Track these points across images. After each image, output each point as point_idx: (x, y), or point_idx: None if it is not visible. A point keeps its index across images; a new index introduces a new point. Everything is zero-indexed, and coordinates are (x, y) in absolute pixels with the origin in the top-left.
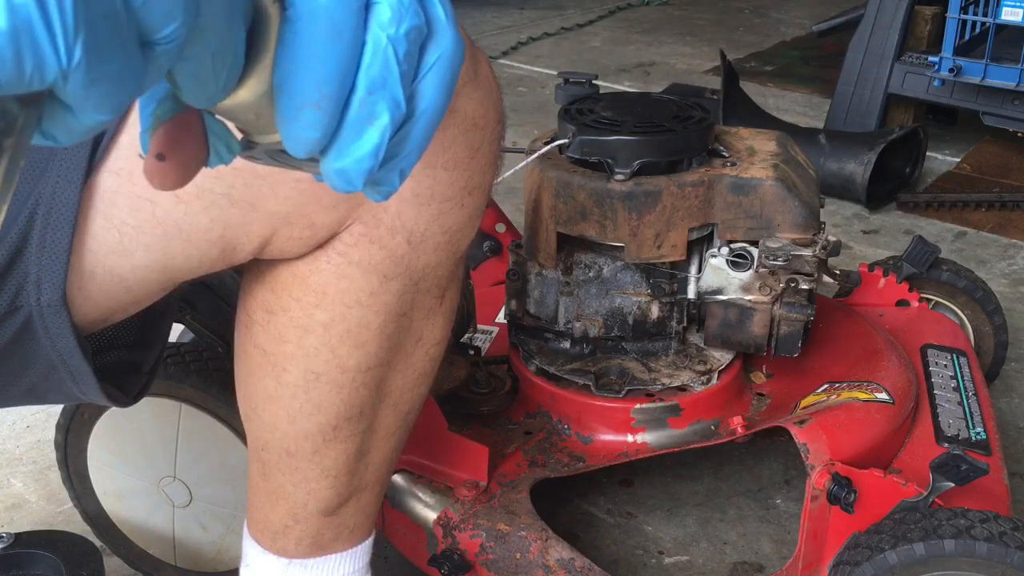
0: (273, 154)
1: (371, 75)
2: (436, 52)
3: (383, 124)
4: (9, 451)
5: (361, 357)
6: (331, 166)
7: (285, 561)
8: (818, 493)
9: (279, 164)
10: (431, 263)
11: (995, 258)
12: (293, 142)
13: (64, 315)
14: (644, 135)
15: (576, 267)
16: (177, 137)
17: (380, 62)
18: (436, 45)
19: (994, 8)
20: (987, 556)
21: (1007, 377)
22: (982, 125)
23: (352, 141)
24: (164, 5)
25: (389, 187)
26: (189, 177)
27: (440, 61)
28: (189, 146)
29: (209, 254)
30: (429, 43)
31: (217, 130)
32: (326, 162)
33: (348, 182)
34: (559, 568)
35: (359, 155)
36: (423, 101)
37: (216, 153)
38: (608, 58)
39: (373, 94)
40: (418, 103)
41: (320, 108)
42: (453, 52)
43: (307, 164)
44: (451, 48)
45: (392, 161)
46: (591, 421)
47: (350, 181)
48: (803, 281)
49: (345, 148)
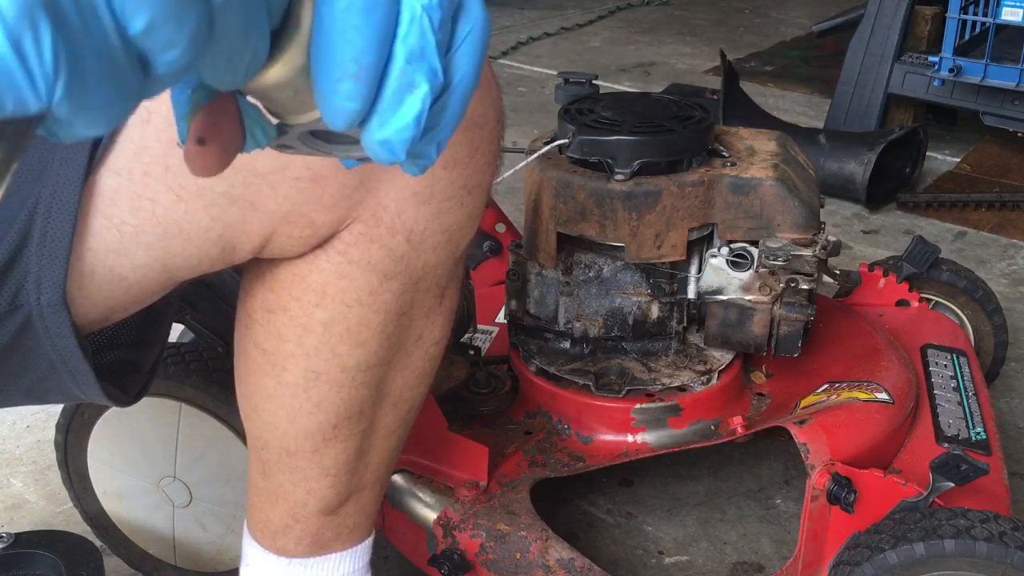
0: (306, 138)
1: (408, 44)
2: (468, 25)
3: (423, 92)
4: (9, 451)
5: (361, 356)
6: (373, 137)
7: (285, 560)
8: (818, 493)
9: (312, 149)
10: (431, 262)
11: (995, 258)
12: (333, 115)
13: (64, 314)
14: (644, 135)
15: (576, 267)
16: (216, 121)
17: (417, 31)
18: (467, 18)
19: (994, 8)
20: (987, 556)
21: (1007, 377)
22: (982, 125)
23: (393, 111)
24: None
25: (426, 160)
26: (228, 161)
27: (472, 33)
28: (228, 129)
29: (209, 253)
30: (460, 16)
31: (252, 114)
32: (367, 134)
33: (392, 152)
34: (559, 568)
35: (401, 124)
36: (458, 72)
37: (252, 137)
38: (608, 58)
39: (412, 63)
40: (453, 74)
41: (359, 79)
42: (484, 25)
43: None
44: (482, 20)
45: (430, 133)
46: (591, 421)
47: (393, 151)
48: (803, 281)
49: (387, 118)
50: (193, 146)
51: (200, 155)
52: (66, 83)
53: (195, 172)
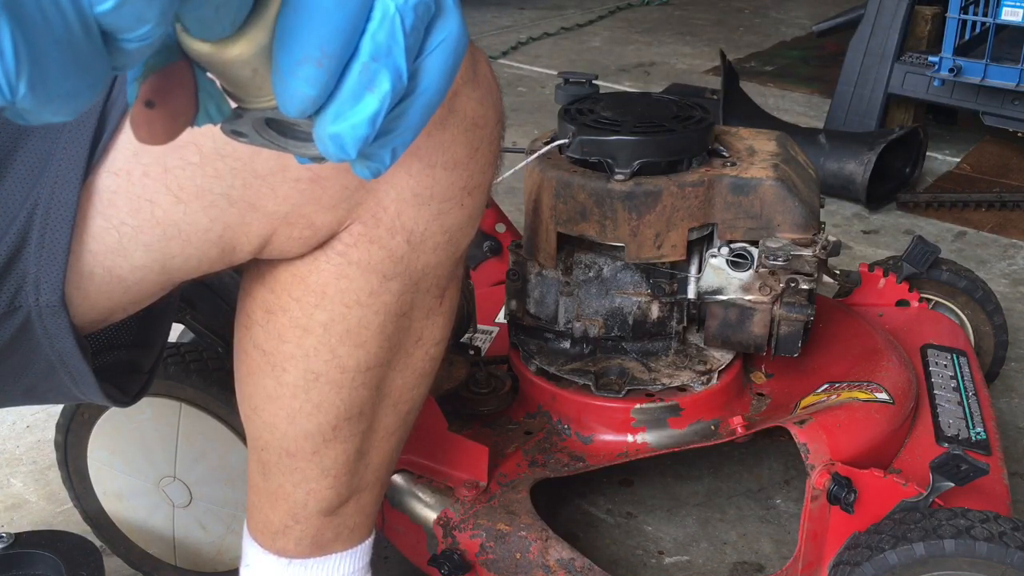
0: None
1: (376, 41)
2: (442, 34)
3: (383, 92)
4: (9, 451)
5: (361, 357)
6: (326, 129)
7: (285, 561)
8: (818, 493)
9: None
10: (431, 263)
11: (995, 258)
12: (288, 98)
13: (63, 315)
14: (644, 135)
15: (576, 267)
16: (168, 87)
17: (387, 29)
18: (442, 27)
19: (994, 8)
20: (987, 556)
21: (1007, 377)
22: (982, 125)
23: (350, 105)
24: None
25: (379, 164)
26: (177, 131)
27: (445, 43)
28: (179, 98)
29: (208, 254)
30: (435, 24)
31: (210, 89)
32: (320, 125)
33: (341, 148)
34: (559, 568)
35: (356, 121)
36: (424, 80)
37: (205, 112)
38: (608, 58)
39: (377, 60)
40: (419, 81)
41: (320, 65)
42: (458, 37)
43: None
44: (456, 32)
45: (386, 137)
46: (591, 421)
47: (343, 147)
48: (803, 281)
49: (342, 112)
50: (141, 108)
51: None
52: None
53: (139, 137)
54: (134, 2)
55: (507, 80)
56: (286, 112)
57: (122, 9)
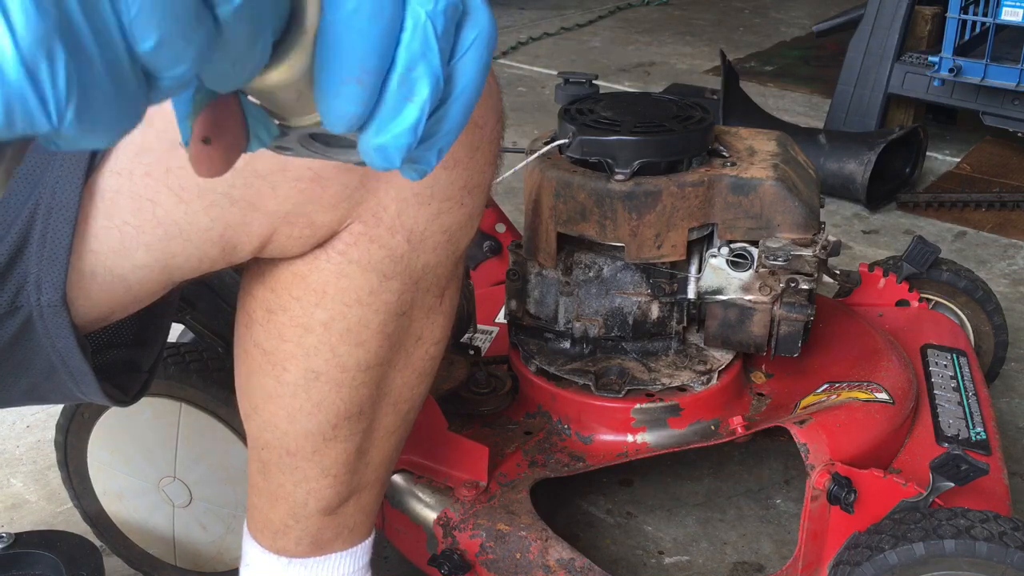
0: (306, 141)
1: (411, 51)
2: (473, 32)
3: (422, 100)
4: (9, 451)
5: (361, 356)
6: (370, 143)
7: (285, 560)
8: (818, 493)
9: (311, 152)
10: (431, 262)
11: (995, 258)
12: (334, 118)
13: (64, 315)
14: (644, 135)
15: (576, 267)
16: (219, 121)
17: (420, 38)
18: (472, 25)
19: (994, 8)
20: (987, 556)
21: (1007, 377)
22: (982, 125)
23: (392, 117)
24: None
25: (426, 166)
26: (232, 161)
27: (477, 40)
28: (232, 129)
29: (209, 253)
30: (465, 23)
31: (255, 113)
32: (365, 139)
33: (387, 159)
34: (559, 568)
35: (398, 131)
36: (461, 80)
37: (256, 137)
38: (608, 58)
39: (413, 70)
40: (456, 82)
41: (362, 83)
42: (489, 32)
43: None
44: (487, 28)
45: (430, 140)
46: (591, 421)
47: (389, 158)
48: (803, 281)
49: (384, 124)
50: (198, 146)
51: (206, 156)
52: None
53: (200, 173)
54: (172, 44)
55: (507, 80)
56: (334, 131)
57: (161, 50)
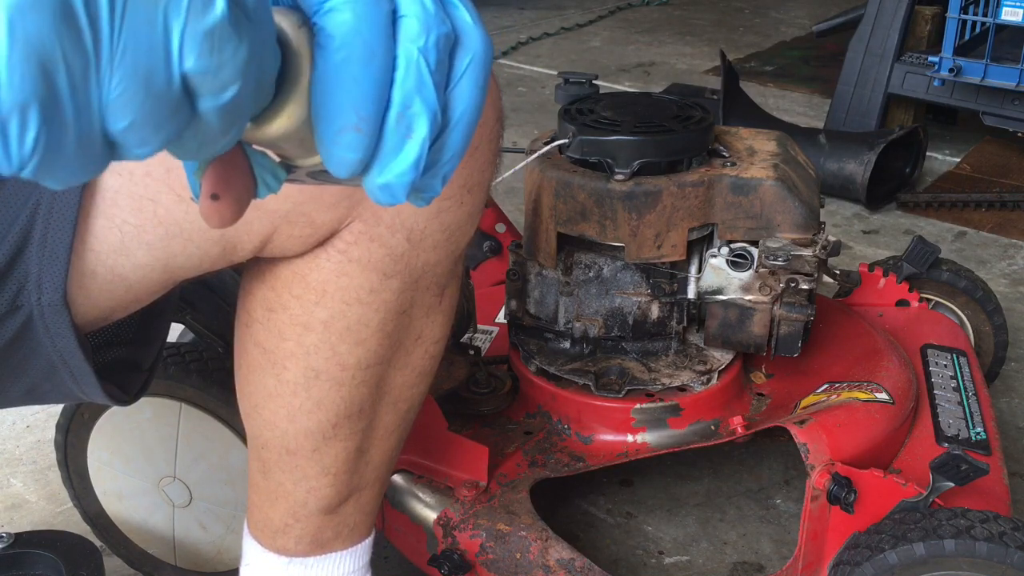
0: (315, 174)
1: (406, 89)
2: (467, 56)
3: (422, 137)
4: (9, 451)
5: (361, 355)
6: (374, 183)
7: (285, 560)
8: (818, 493)
9: (321, 182)
10: (431, 261)
11: (995, 258)
12: (336, 165)
13: (65, 315)
14: (644, 135)
15: (576, 267)
16: (226, 175)
17: (414, 76)
18: (466, 49)
19: (994, 8)
20: (987, 556)
21: (1007, 377)
22: (982, 125)
23: (392, 157)
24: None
25: (431, 192)
26: (242, 211)
27: (472, 65)
28: (239, 180)
29: (210, 252)
30: (458, 48)
31: (261, 161)
32: (369, 179)
33: (392, 196)
34: (559, 568)
35: (400, 170)
36: (459, 106)
37: (264, 183)
38: (608, 58)
39: (410, 107)
40: (454, 109)
41: (359, 130)
42: (484, 54)
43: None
44: (481, 50)
45: (433, 168)
46: (591, 421)
47: (394, 195)
48: (803, 281)
49: (386, 164)
50: (207, 202)
51: (216, 211)
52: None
53: (211, 225)
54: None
55: (507, 80)
56: (338, 176)
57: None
